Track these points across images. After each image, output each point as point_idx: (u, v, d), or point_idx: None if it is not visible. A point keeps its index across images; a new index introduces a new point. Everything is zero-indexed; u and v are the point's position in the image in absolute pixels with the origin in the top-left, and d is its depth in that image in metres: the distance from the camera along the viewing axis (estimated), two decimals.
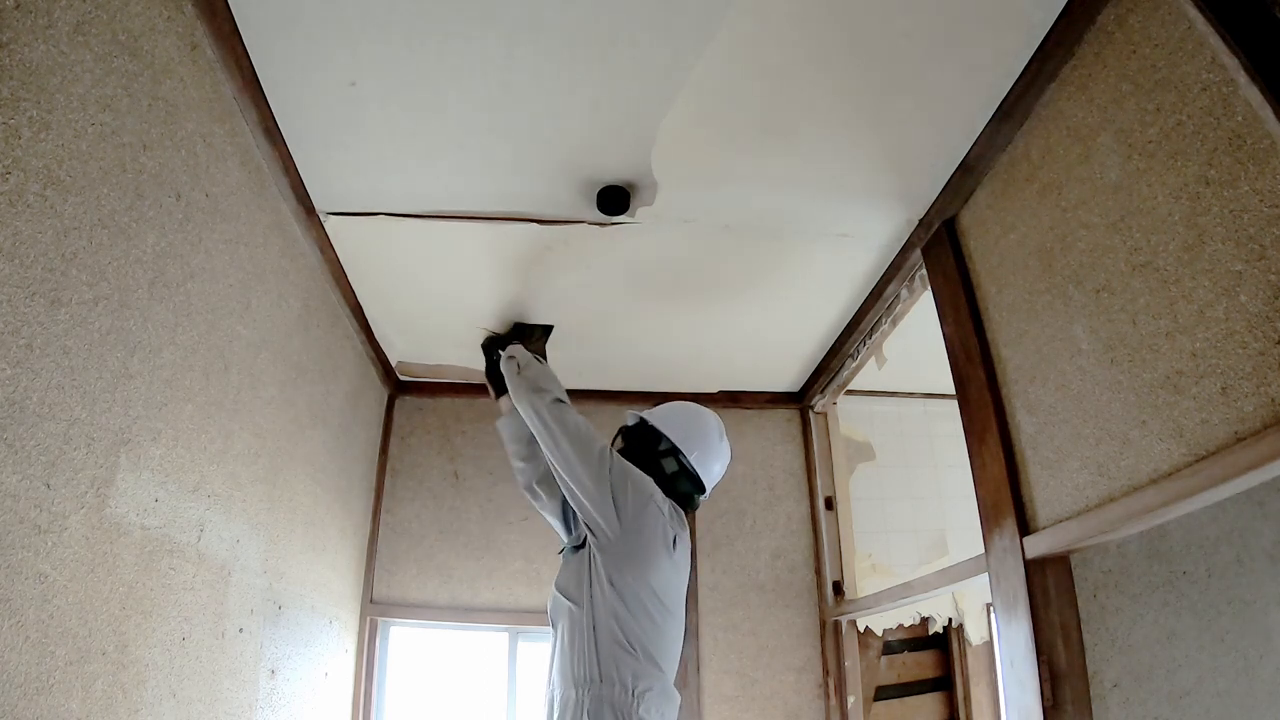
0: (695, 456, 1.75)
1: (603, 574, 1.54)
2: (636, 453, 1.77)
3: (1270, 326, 0.92)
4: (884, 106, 1.48)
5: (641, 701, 1.46)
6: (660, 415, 1.81)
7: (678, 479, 1.73)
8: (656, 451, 1.75)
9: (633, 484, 1.60)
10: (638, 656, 1.50)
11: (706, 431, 1.79)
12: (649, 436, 1.78)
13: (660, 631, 1.55)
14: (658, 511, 1.60)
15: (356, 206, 1.82)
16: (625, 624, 1.51)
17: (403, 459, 2.76)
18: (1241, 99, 0.96)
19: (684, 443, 1.75)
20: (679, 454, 1.74)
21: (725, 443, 1.83)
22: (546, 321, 2.31)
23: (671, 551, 1.60)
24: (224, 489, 1.46)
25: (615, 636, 1.50)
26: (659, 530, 1.58)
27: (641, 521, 1.57)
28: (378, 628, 2.56)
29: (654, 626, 1.54)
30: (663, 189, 1.73)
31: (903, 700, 2.76)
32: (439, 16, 1.27)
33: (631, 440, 1.81)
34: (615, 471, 1.60)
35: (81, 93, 0.97)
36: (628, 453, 1.78)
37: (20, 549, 0.89)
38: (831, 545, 2.68)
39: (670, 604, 1.59)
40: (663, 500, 1.64)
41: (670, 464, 1.73)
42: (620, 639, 1.50)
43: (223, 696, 1.48)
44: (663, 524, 1.60)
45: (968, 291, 1.63)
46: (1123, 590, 1.24)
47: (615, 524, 1.55)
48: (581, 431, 1.66)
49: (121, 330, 1.09)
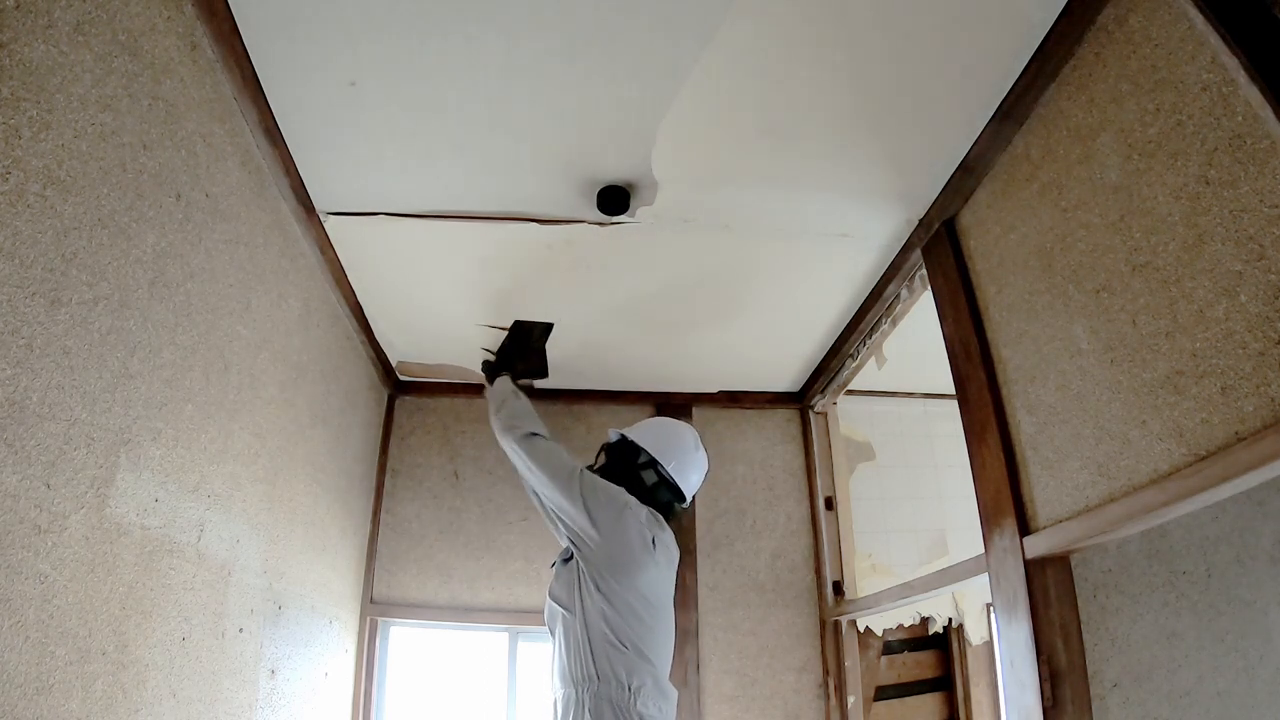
0: (673, 466, 1.87)
1: (590, 581, 1.65)
2: (618, 467, 1.88)
3: (1270, 326, 0.92)
4: (884, 106, 1.48)
5: (638, 697, 1.56)
6: (638, 431, 1.94)
7: (657, 489, 1.85)
8: (636, 465, 1.87)
9: (604, 496, 1.72)
10: (630, 654, 1.59)
11: (683, 443, 1.92)
12: (628, 451, 1.90)
13: (649, 629, 1.65)
14: (634, 518, 1.71)
15: (356, 206, 1.82)
16: (615, 625, 1.61)
17: (403, 459, 2.76)
18: (1241, 99, 0.96)
19: (661, 454, 1.87)
20: (657, 465, 1.86)
21: (702, 452, 1.95)
22: (547, 320, 2.31)
23: (652, 552, 1.70)
24: (224, 489, 1.46)
25: (607, 637, 1.60)
26: (636, 534, 1.69)
27: (618, 528, 1.68)
28: (378, 628, 2.56)
29: (642, 625, 1.64)
30: (663, 189, 1.73)
31: (903, 700, 2.76)
32: (439, 16, 1.27)
33: (613, 456, 1.93)
34: (586, 487, 1.72)
35: (81, 93, 0.97)
36: (610, 467, 1.90)
37: (20, 549, 0.89)
38: (831, 545, 2.68)
39: (656, 602, 1.70)
40: (638, 506, 1.75)
41: (650, 475, 1.86)
42: (612, 639, 1.60)
43: (223, 696, 1.48)
44: (639, 528, 1.70)
45: (968, 291, 1.63)
46: (1123, 590, 1.24)
47: (594, 534, 1.67)
48: (552, 458, 1.79)
49: (121, 330, 1.09)
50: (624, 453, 1.90)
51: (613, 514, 1.69)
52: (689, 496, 1.92)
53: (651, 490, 1.84)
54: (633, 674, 1.58)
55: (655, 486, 1.84)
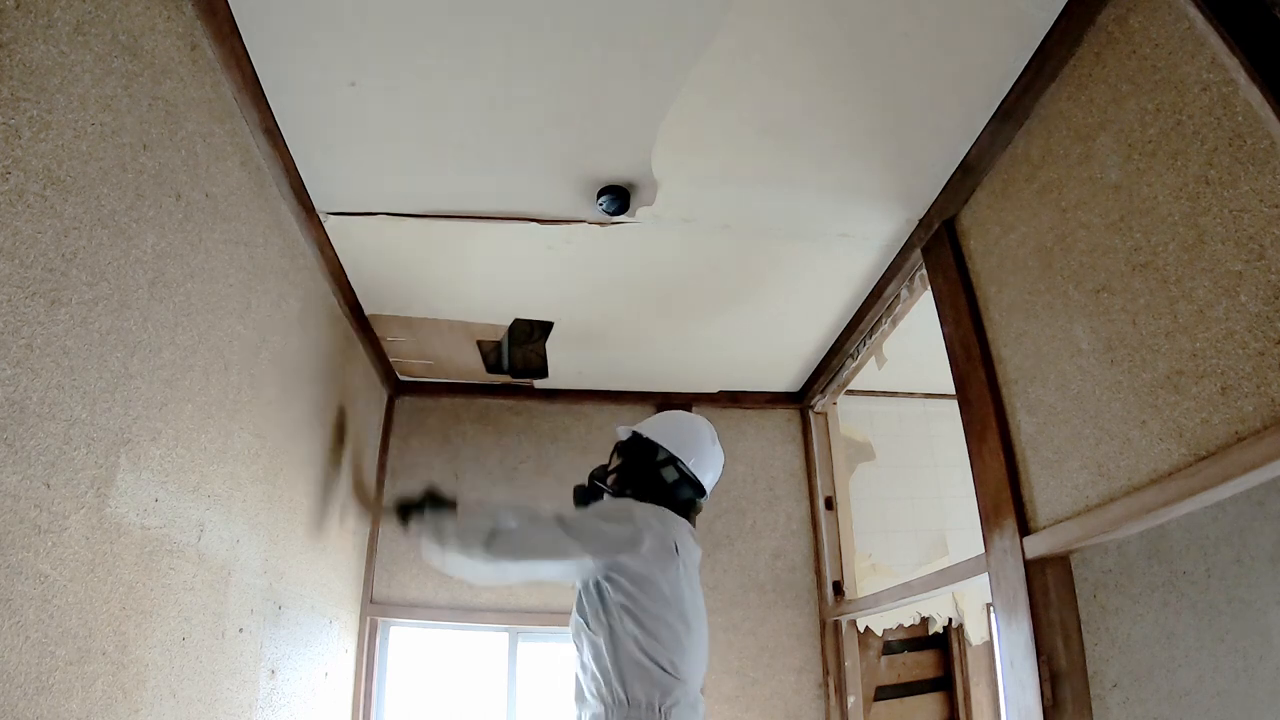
0: (693, 463, 1.77)
1: (617, 601, 1.54)
2: (636, 467, 1.79)
3: (1270, 326, 0.92)
4: (884, 106, 1.48)
5: (669, 716, 1.48)
6: (653, 427, 1.83)
7: (679, 486, 1.75)
8: (655, 463, 1.77)
9: (606, 520, 1.59)
10: (661, 673, 1.50)
11: (700, 438, 1.81)
12: (645, 449, 1.79)
13: (681, 645, 1.55)
14: (646, 525, 1.60)
15: (356, 206, 1.82)
16: (647, 646, 1.51)
17: (403, 459, 2.76)
18: (1241, 99, 0.96)
19: (680, 450, 1.77)
20: (677, 462, 1.76)
21: (718, 446, 1.85)
22: (546, 319, 2.31)
23: (676, 555, 1.60)
24: (224, 489, 1.46)
25: (635, 658, 1.50)
26: (657, 541, 1.58)
27: (636, 541, 1.56)
28: (378, 628, 2.56)
29: (676, 640, 1.54)
30: (663, 189, 1.73)
31: (903, 700, 2.76)
32: (439, 17, 1.27)
33: (628, 455, 1.83)
34: (578, 530, 1.56)
35: (81, 93, 0.97)
36: (627, 468, 1.80)
37: (20, 549, 0.89)
38: (831, 545, 2.68)
39: (689, 608, 1.59)
40: (649, 511, 1.64)
41: (670, 473, 1.76)
42: (641, 660, 1.50)
43: (223, 696, 1.48)
44: (656, 533, 1.60)
45: (968, 291, 1.63)
46: (1123, 590, 1.24)
47: (614, 558, 1.54)
48: (529, 540, 1.55)
49: (121, 330, 1.09)
50: (640, 451, 1.80)
51: (624, 531, 1.57)
52: (709, 492, 1.82)
53: (673, 488, 1.74)
54: (665, 695, 1.49)
55: (676, 484, 1.75)
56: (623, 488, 1.80)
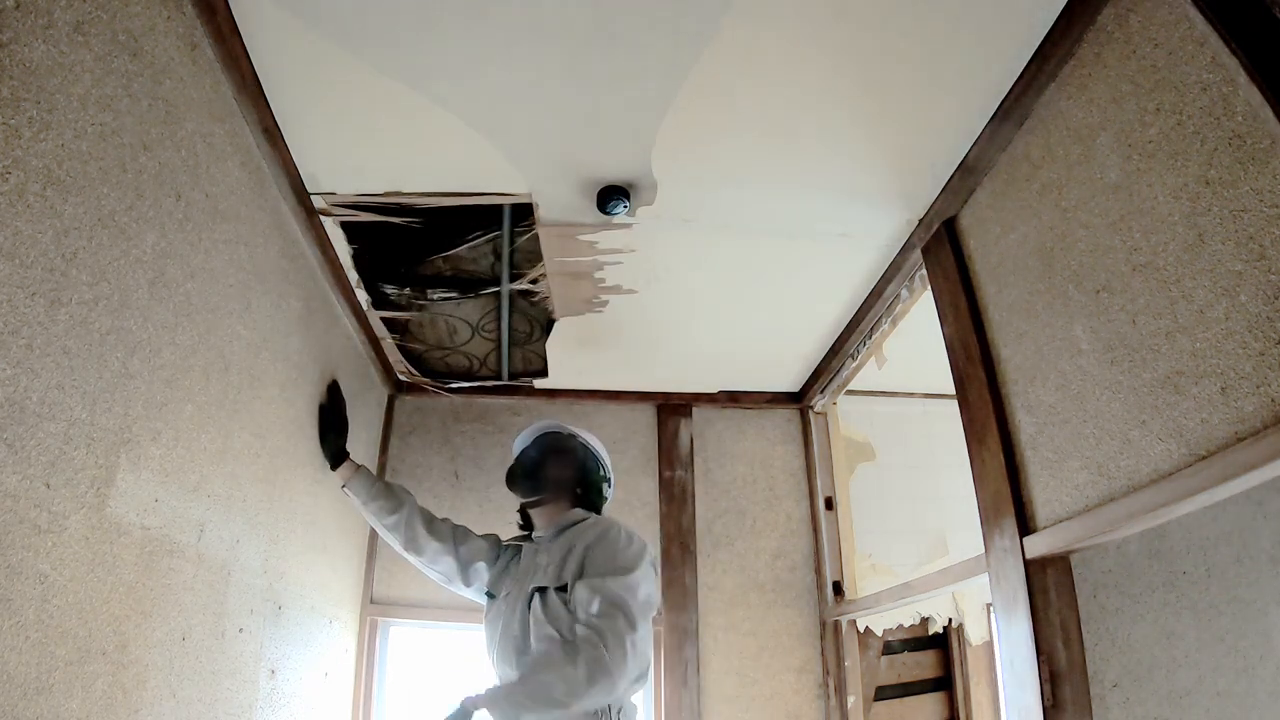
0: (610, 481, 2.00)
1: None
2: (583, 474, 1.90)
3: (1270, 326, 0.92)
4: (884, 106, 1.48)
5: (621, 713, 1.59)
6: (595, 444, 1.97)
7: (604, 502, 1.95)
8: (601, 480, 1.94)
9: (641, 598, 1.59)
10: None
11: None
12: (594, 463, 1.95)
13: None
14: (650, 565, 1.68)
15: (356, 206, 1.82)
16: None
17: (403, 459, 2.76)
18: (1241, 99, 0.96)
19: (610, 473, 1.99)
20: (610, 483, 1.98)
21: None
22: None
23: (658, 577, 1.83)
24: (224, 489, 1.46)
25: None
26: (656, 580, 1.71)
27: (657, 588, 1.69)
28: (377, 627, 2.56)
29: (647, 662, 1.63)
30: (663, 189, 1.73)
31: (903, 700, 2.76)
32: (439, 16, 1.27)
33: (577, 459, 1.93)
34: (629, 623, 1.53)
35: (81, 93, 0.97)
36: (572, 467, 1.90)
37: (20, 549, 0.89)
38: (831, 545, 2.68)
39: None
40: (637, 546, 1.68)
41: (609, 491, 1.97)
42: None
43: (223, 696, 1.48)
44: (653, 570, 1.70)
45: (968, 291, 1.63)
46: (1123, 590, 1.24)
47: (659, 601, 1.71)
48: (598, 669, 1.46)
49: (121, 330, 1.09)
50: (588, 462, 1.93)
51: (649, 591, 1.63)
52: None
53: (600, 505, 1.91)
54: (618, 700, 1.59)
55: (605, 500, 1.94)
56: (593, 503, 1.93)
